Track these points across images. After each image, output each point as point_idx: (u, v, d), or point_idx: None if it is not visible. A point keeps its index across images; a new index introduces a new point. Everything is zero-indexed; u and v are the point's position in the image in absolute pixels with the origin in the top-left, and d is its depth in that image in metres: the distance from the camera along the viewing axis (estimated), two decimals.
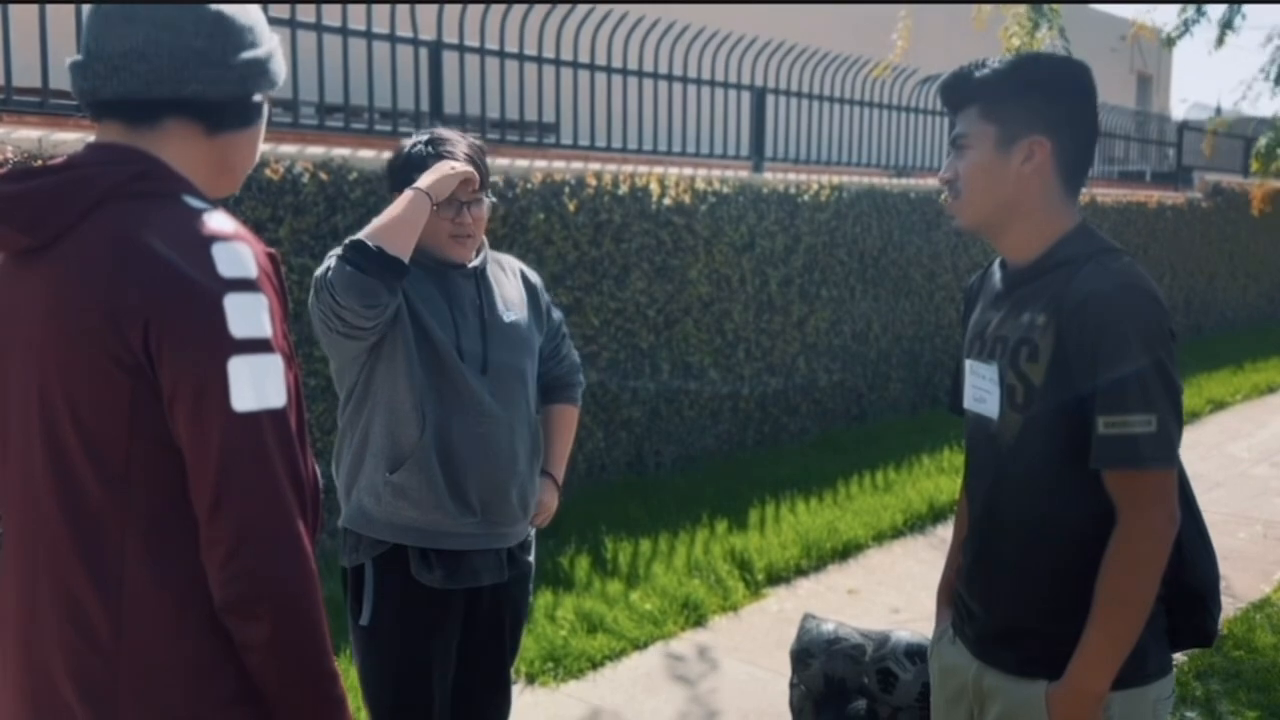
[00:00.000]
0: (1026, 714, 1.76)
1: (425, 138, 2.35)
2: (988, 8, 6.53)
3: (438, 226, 2.27)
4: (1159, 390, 1.63)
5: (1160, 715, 1.77)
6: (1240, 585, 4.89)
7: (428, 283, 2.31)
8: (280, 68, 1.41)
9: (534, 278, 2.56)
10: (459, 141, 2.35)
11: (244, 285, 1.23)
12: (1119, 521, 1.66)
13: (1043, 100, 1.76)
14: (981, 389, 1.85)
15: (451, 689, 2.47)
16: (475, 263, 2.38)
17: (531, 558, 2.54)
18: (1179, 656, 4.01)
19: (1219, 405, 9.03)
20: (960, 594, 1.96)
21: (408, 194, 2.20)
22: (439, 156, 2.28)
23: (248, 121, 1.39)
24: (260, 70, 1.36)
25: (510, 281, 2.48)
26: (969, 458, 1.95)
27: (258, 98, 1.38)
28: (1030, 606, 1.79)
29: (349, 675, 3.62)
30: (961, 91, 1.83)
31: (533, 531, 2.54)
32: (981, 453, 1.88)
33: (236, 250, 1.24)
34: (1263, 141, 7.30)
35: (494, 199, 2.44)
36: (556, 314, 2.61)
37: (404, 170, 2.31)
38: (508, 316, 2.40)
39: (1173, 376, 1.66)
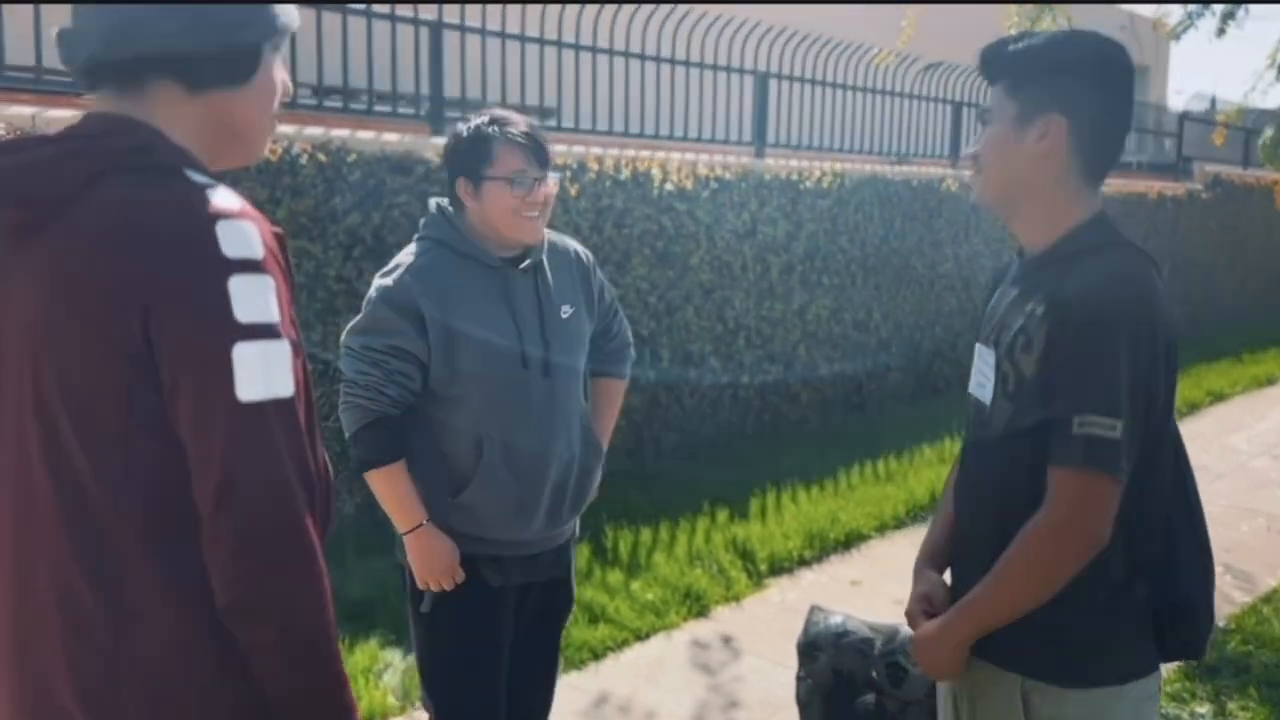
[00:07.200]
0: (999, 713, 1.73)
1: (486, 119, 2.29)
2: (1013, 7, 6.46)
3: (509, 204, 2.24)
4: (1134, 400, 1.59)
5: (1144, 713, 1.75)
6: (1247, 579, 4.85)
7: (487, 285, 2.28)
8: (277, 17, 1.28)
9: (588, 258, 2.52)
10: (519, 121, 2.30)
11: (250, 266, 1.15)
12: (1045, 510, 1.61)
13: (1069, 80, 1.72)
14: (983, 374, 1.83)
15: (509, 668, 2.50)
16: (531, 257, 2.34)
17: (574, 541, 2.59)
18: None
19: (1218, 397, 8.99)
20: (950, 570, 1.95)
21: (416, 533, 2.27)
22: (504, 138, 2.25)
23: (238, 77, 1.27)
24: (244, 19, 1.25)
25: (564, 268, 2.44)
26: (965, 439, 1.93)
27: (250, 50, 1.27)
28: None
29: (347, 661, 3.57)
30: (994, 65, 1.79)
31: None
32: (973, 436, 1.86)
33: (242, 229, 1.16)
34: (1269, 133, 7.13)
35: (560, 172, 2.42)
36: (610, 293, 2.59)
37: (470, 150, 2.27)
38: (565, 312, 2.38)
39: (1149, 386, 1.61)
